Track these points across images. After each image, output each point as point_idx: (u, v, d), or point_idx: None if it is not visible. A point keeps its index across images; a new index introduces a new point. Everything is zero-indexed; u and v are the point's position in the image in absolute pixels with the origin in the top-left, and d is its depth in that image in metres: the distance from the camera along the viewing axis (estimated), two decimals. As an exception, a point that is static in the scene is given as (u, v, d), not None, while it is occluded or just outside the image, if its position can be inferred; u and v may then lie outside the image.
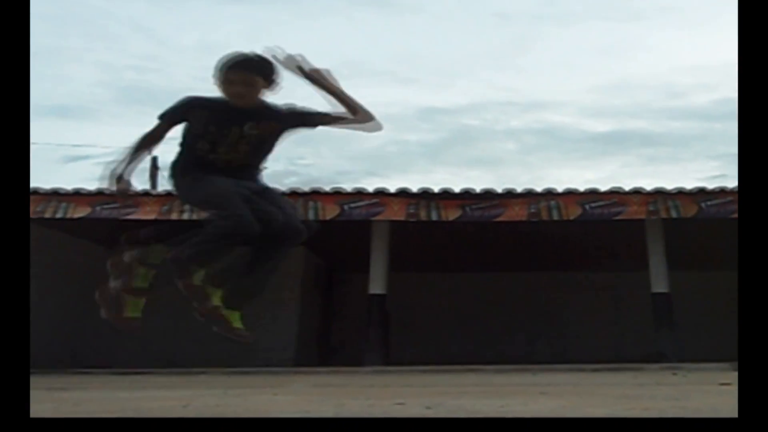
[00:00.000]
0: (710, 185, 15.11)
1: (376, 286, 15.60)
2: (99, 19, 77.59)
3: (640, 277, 16.32)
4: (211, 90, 5.24)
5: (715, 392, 4.11)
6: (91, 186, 15.22)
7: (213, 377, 9.68)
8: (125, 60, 78.78)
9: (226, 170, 5.31)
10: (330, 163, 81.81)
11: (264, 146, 5.42)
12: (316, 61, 5.34)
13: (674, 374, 8.93)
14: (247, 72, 5.24)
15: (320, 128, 5.55)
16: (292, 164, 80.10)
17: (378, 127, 5.69)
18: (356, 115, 5.50)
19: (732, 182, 15.16)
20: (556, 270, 21.57)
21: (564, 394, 4.06)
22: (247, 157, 5.35)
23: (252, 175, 5.43)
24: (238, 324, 5.42)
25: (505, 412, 2.98)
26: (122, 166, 5.48)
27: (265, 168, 5.71)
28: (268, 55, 5.36)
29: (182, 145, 5.49)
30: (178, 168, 5.52)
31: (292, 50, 5.34)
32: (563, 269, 21.51)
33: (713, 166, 74.77)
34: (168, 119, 5.47)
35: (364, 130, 5.66)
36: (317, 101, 5.55)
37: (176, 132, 5.35)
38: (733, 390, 4.24)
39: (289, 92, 5.56)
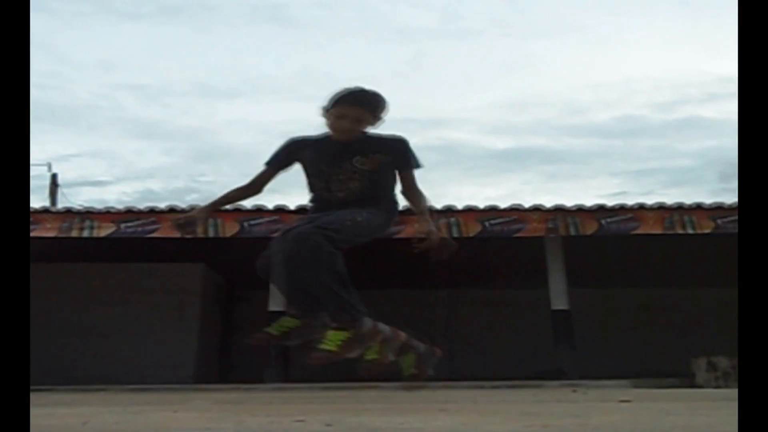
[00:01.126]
0: (611, 202, 15.32)
1: (276, 303, 15.52)
2: (-3, 34, 76.54)
3: (540, 294, 16.45)
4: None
5: (615, 409, 4.13)
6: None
7: (112, 394, 9.53)
8: (26, 77, 77.65)
9: (342, 208, 5.23)
10: (231, 180, 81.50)
11: (378, 179, 5.32)
12: (218, 76, 5.34)
13: (574, 391, 8.99)
14: (361, 107, 5.15)
15: (222, 145, 5.47)
16: (193, 181, 79.58)
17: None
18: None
19: (632, 199, 15.43)
20: (456, 287, 21.66)
21: (463, 411, 4.04)
22: (361, 192, 5.25)
23: (369, 210, 5.33)
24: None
25: (405, 430, 2.95)
26: (206, 210, 5.43)
27: (393, 201, 5.62)
28: (378, 91, 5.29)
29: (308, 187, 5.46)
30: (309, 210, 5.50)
31: (196, 66, 5.34)
32: (462, 286, 21.59)
33: (614, 183, 75.86)
34: (275, 165, 5.40)
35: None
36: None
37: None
38: (633, 407, 4.26)
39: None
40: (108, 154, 78.41)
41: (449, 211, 15.10)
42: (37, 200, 36.22)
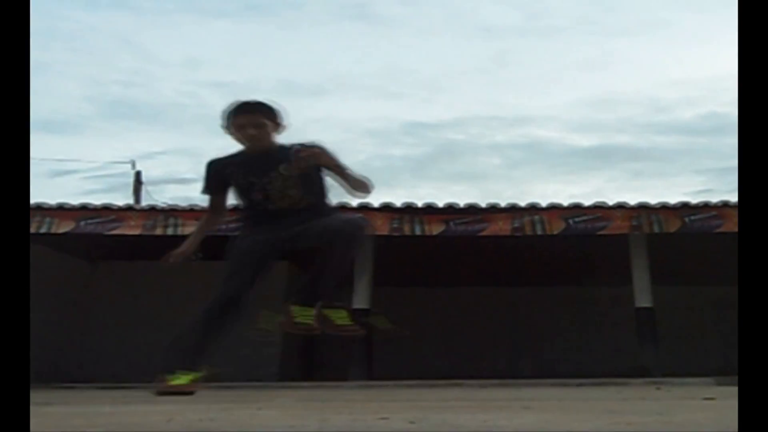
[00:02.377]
0: (695, 200, 15.19)
1: (360, 300, 15.57)
2: (84, 34, 77.37)
3: (624, 292, 16.37)
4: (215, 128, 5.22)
5: (699, 407, 4.12)
6: (76, 201, 15.22)
7: (197, 392, 9.64)
8: (111, 75, 78.45)
9: (285, 216, 5.24)
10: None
11: (311, 182, 5.33)
12: (303, 74, 5.35)
13: (658, 389, 8.93)
14: (253, 114, 5.18)
15: None
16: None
17: (366, 195, 5.65)
18: (354, 189, 5.42)
19: (717, 197, 15.27)
20: (540, 284, 21.56)
21: (548, 408, 4.05)
22: (302, 198, 5.26)
23: (314, 213, 5.33)
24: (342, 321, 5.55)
25: (489, 427, 2.98)
26: (190, 245, 5.66)
27: (330, 202, 5.63)
28: (267, 100, 5.29)
29: (241, 206, 5.48)
30: (242, 225, 5.53)
31: (281, 64, 5.37)
32: (546, 284, 21.49)
33: (699, 181, 74.87)
34: (215, 190, 5.49)
35: (352, 195, 5.61)
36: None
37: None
38: (717, 404, 4.25)
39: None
40: (193, 152, 79.04)
41: (533, 208, 15.06)
42: (122, 198, 36.62)
